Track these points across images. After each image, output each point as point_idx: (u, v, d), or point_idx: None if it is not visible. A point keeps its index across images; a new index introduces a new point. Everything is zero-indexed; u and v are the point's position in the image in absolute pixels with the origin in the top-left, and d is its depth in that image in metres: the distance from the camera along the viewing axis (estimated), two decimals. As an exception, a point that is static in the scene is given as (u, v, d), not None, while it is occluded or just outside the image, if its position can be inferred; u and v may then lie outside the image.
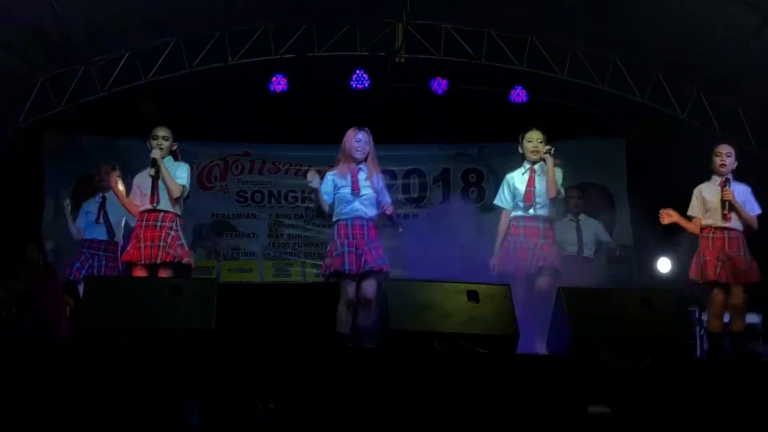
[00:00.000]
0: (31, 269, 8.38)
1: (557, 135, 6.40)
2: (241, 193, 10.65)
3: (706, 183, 6.46)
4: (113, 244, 7.56)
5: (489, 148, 10.62)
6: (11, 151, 9.05)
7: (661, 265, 9.71)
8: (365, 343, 5.64)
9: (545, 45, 9.15)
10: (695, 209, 6.44)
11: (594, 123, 10.32)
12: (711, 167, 6.44)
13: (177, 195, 6.08)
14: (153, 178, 6.05)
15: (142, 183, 6.18)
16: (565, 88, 9.53)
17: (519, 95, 9.83)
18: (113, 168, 7.39)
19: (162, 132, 6.17)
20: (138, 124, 9.40)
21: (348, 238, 5.96)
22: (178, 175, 6.14)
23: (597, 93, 9.44)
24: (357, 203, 6.03)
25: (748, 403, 4.30)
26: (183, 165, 6.27)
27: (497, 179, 6.50)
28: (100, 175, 7.59)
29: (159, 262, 5.95)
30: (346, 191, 6.04)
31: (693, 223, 6.43)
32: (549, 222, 6.29)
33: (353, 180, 6.03)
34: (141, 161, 6.48)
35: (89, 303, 4.54)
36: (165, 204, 6.08)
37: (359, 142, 6.08)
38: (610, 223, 8.48)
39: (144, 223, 6.07)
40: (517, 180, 6.32)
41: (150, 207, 6.06)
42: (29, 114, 8.91)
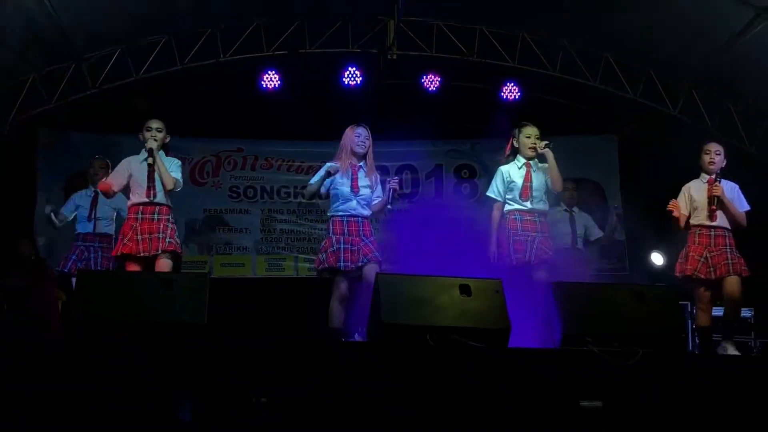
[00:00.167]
0: (23, 265, 8.37)
1: (549, 132, 6.42)
2: (234, 189, 10.66)
3: (694, 181, 6.46)
4: (107, 236, 7.55)
5: (481, 144, 10.63)
6: (3, 148, 9.01)
7: (655, 259, 9.77)
8: (358, 338, 5.66)
9: (537, 42, 9.17)
10: (681, 206, 6.45)
11: (586, 120, 10.34)
12: (700, 165, 6.45)
13: (171, 187, 6.08)
14: (149, 170, 6.03)
15: (135, 171, 6.14)
16: (557, 84, 9.56)
17: (511, 92, 9.85)
18: (106, 165, 7.38)
19: (155, 124, 6.17)
20: (130, 120, 9.41)
21: (344, 234, 6.00)
22: (171, 169, 6.14)
23: (589, 90, 9.47)
24: (354, 202, 6.07)
25: (740, 399, 4.33)
26: (174, 160, 6.28)
27: (489, 175, 6.51)
28: (94, 169, 7.57)
29: (159, 252, 5.94)
30: (345, 188, 6.07)
31: (679, 220, 6.47)
32: (544, 216, 6.36)
33: (354, 178, 6.07)
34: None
35: (81, 297, 4.52)
36: (161, 197, 6.08)
37: (359, 137, 6.13)
38: (602, 220, 8.48)
39: (140, 216, 6.04)
40: (514, 174, 6.33)
41: (146, 200, 6.05)
42: (21, 110, 8.90)
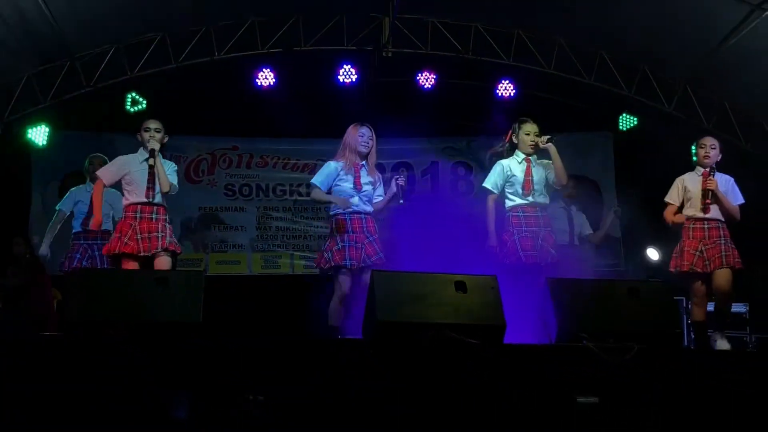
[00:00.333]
0: (18, 264, 8.37)
1: (545, 129, 6.42)
2: (229, 187, 10.67)
3: (689, 173, 6.46)
4: (108, 232, 7.52)
5: (477, 141, 10.62)
6: (-2, 147, 9.03)
7: (651, 255, 9.78)
8: (354, 335, 5.65)
9: (532, 39, 9.18)
10: (673, 196, 6.47)
11: (581, 117, 10.35)
12: (695, 159, 6.47)
13: (166, 190, 6.10)
14: (150, 170, 6.04)
15: (134, 171, 6.14)
16: (553, 81, 9.56)
17: (506, 89, 9.85)
18: (104, 162, 7.36)
19: (154, 125, 6.17)
20: (124, 119, 9.41)
21: (348, 232, 6.00)
22: (168, 173, 6.17)
23: (584, 87, 9.48)
24: (357, 198, 6.07)
25: (736, 395, 4.34)
26: (171, 164, 6.31)
27: (486, 172, 6.49)
28: (93, 167, 7.49)
29: (160, 250, 5.95)
30: (348, 185, 6.08)
31: (668, 211, 6.49)
32: (546, 209, 6.37)
33: (356, 176, 6.09)
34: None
35: (76, 296, 4.50)
36: (159, 198, 6.09)
37: (363, 136, 6.14)
38: (597, 216, 8.49)
39: (139, 215, 6.04)
40: (515, 168, 6.33)
41: (145, 200, 6.05)
42: (15, 109, 8.89)
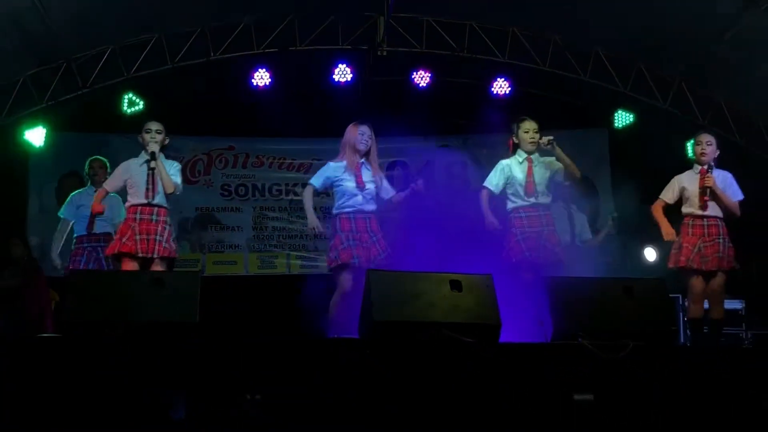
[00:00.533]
0: (16, 266, 8.37)
1: (540, 126, 6.43)
2: (225, 187, 10.66)
3: (687, 172, 6.46)
4: (110, 235, 7.50)
5: (473, 139, 10.61)
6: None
7: (648, 254, 9.77)
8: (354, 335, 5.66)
9: (527, 36, 9.17)
10: (667, 194, 6.48)
11: (577, 114, 10.35)
12: (692, 156, 6.47)
13: (171, 191, 6.11)
14: (151, 172, 6.04)
15: (134, 173, 6.16)
16: (548, 79, 9.56)
17: (501, 87, 9.84)
18: (104, 164, 7.35)
19: (155, 126, 6.20)
20: (121, 120, 9.41)
21: (352, 231, 5.99)
22: (171, 173, 6.17)
23: (579, 84, 9.48)
24: (360, 197, 6.07)
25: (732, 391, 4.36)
26: (174, 163, 6.31)
27: (482, 170, 6.50)
28: (93, 170, 7.47)
29: (156, 255, 5.96)
30: (350, 184, 6.07)
31: (656, 205, 6.50)
32: (548, 208, 6.38)
33: (357, 174, 6.08)
34: (124, 158, 6.46)
35: (72, 297, 4.52)
36: (160, 199, 6.10)
37: (363, 135, 6.14)
38: (593, 213, 8.50)
39: (138, 216, 6.05)
40: (515, 168, 6.35)
41: (145, 201, 6.06)
42: (11, 111, 8.88)
